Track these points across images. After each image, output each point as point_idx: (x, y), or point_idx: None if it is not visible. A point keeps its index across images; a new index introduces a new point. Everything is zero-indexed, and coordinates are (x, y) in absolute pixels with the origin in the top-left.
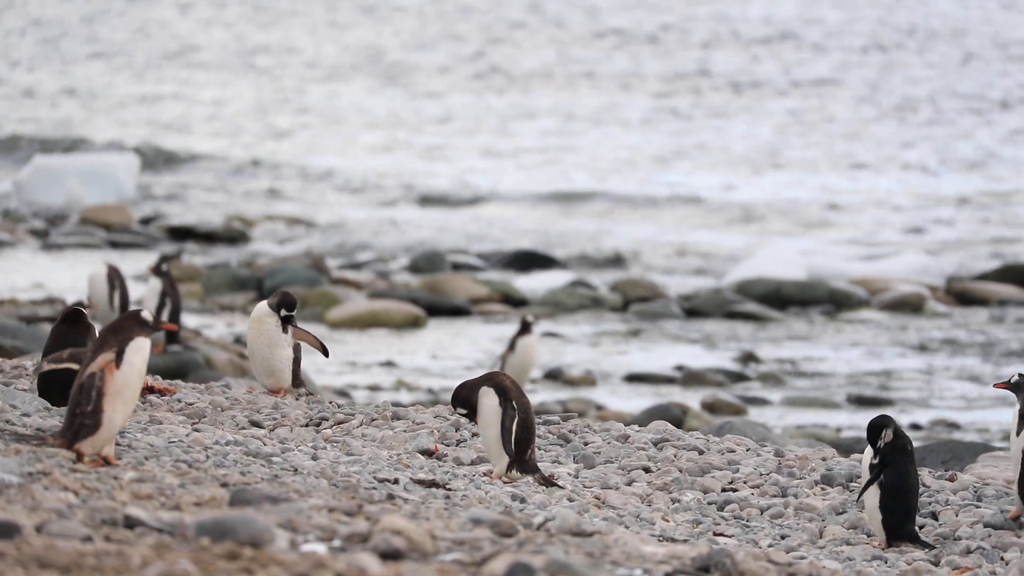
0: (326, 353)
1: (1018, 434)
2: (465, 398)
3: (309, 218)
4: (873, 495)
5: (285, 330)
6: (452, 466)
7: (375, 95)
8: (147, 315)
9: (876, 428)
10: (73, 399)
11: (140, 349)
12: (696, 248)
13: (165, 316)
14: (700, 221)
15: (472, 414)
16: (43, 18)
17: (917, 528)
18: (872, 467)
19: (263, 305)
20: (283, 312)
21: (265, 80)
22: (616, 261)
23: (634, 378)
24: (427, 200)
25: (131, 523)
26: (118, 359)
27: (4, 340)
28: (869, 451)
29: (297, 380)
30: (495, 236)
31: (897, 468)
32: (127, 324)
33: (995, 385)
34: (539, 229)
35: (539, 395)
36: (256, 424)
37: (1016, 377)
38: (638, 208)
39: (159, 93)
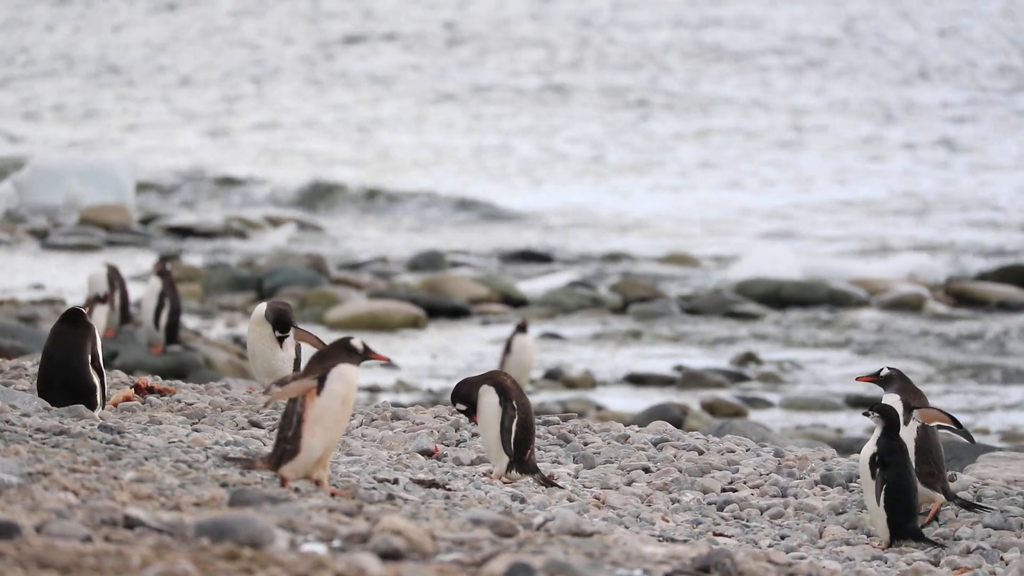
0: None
1: (906, 423)
2: (465, 395)
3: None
4: (876, 495)
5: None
6: (452, 466)
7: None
8: (357, 343)
9: (891, 412)
10: (279, 424)
11: (343, 376)
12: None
13: (164, 317)
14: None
15: (471, 411)
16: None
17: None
18: (872, 465)
19: (263, 306)
20: (277, 333)
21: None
22: (616, 261)
23: (634, 378)
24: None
25: (131, 523)
26: (319, 386)
27: (4, 340)
28: (868, 447)
29: None
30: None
31: (897, 467)
32: (335, 351)
33: (859, 378)
34: None
35: (539, 395)
36: (256, 424)
37: (885, 370)
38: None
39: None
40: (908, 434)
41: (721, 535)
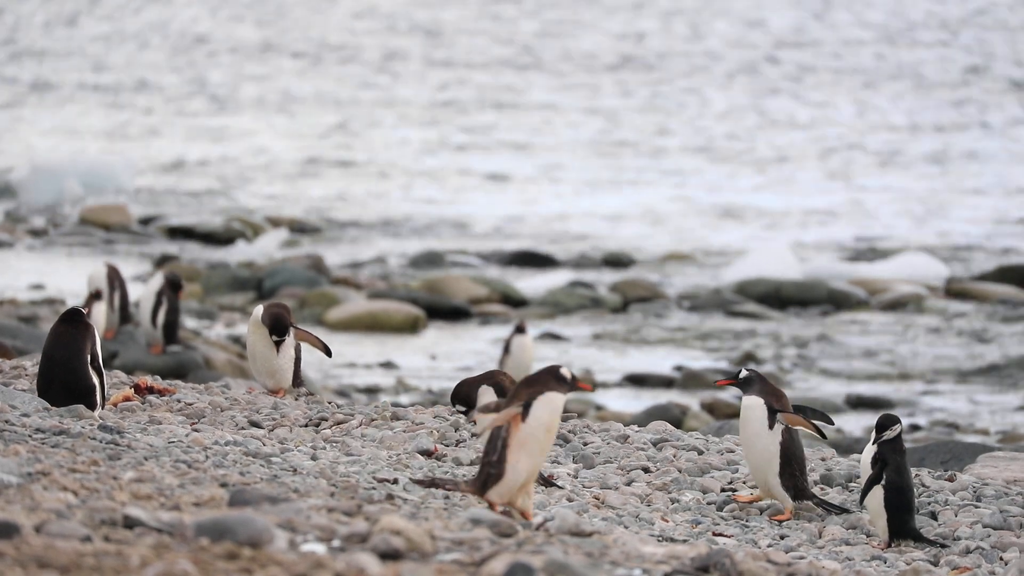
0: (328, 353)
1: (771, 427)
2: (464, 395)
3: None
4: (876, 494)
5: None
6: (451, 466)
7: None
8: (566, 373)
9: (891, 420)
10: (484, 448)
11: (549, 404)
12: None
13: (161, 316)
14: None
15: (470, 411)
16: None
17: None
18: (873, 465)
19: (262, 308)
20: (274, 338)
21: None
22: (616, 261)
23: (633, 379)
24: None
25: (130, 523)
26: (524, 412)
27: (4, 340)
28: (869, 449)
29: (297, 380)
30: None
31: (896, 466)
32: (542, 378)
33: (718, 382)
34: None
35: None
36: (255, 424)
37: (744, 372)
38: None
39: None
40: (773, 437)
41: (720, 535)
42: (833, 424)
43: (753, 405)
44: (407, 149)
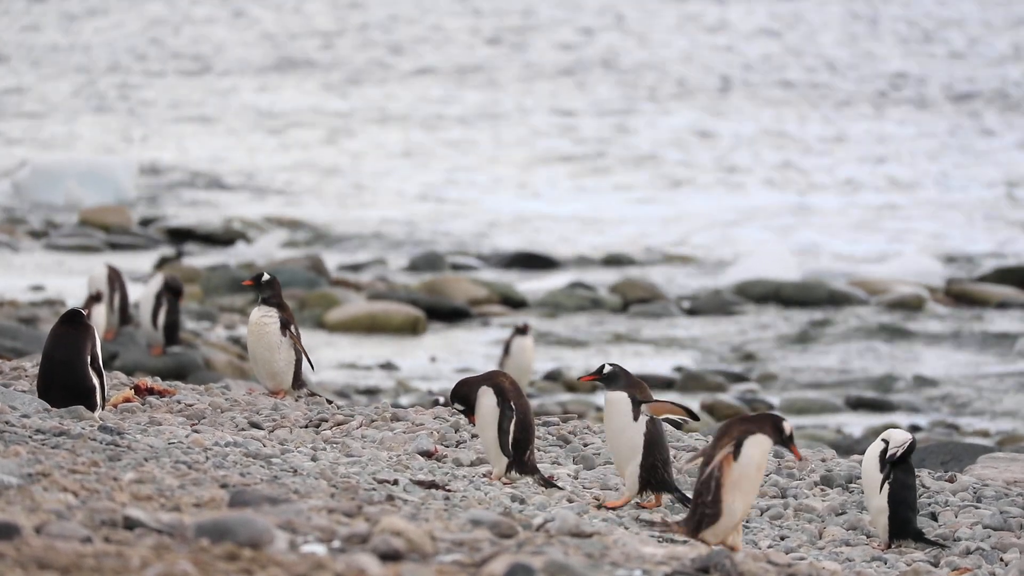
0: (311, 366)
1: (635, 419)
2: (464, 395)
3: (310, 221)
4: (879, 494)
5: (284, 332)
6: (452, 467)
7: None
8: (787, 426)
9: (901, 436)
10: (696, 489)
11: (759, 444)
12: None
13: (162, 318)
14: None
15: (470, 411)
16: None
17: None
18: (883, 464)
19: (260, 308)
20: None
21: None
22: (616, 262)
23: None
24: None
25: (130, 524)
26: (736, 451)
27: (4, 341)
28: (871, 451)
29: (298, 381)
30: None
31: (902, 467)
32: (759, 420)
33: (581, 378)
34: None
35: (539, 397)
36: (256, 425)
37: (607, 367)
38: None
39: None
40: (638, 429)
41: None
42: (698, 419)
43: (617, 399)
44: (399, 155)
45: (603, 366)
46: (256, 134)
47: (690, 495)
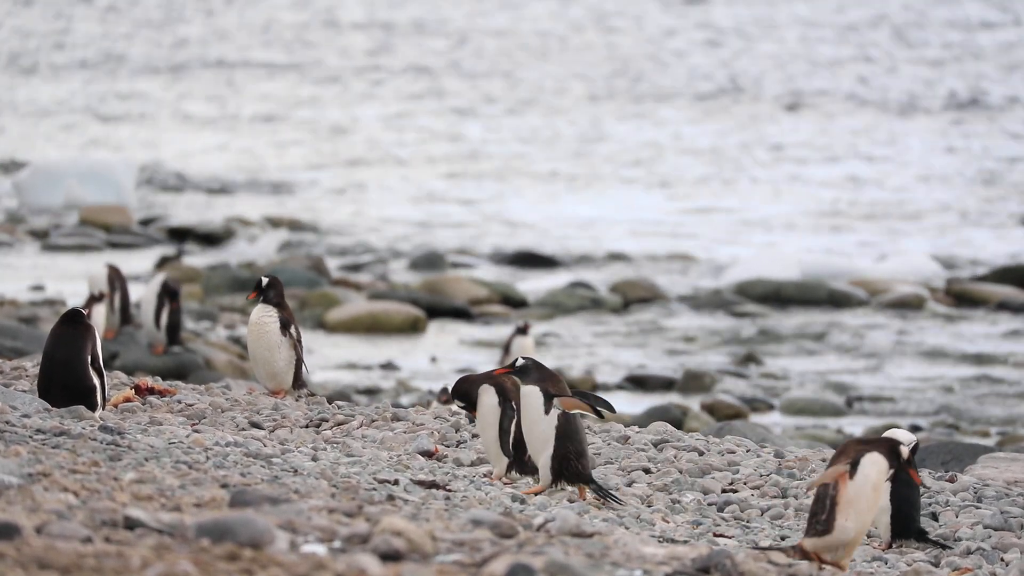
0: (305, 368)
1: (547, 412)
2: (465, 391)
3: (312, 221)
4: (883, 494)
5: (284, 332)
6: (452, 467)
7: None
8: (905, 451)
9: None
10: (812, 509)
11: (876, 464)
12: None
13: (165, 317)
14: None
15: (470, 407)
16: None
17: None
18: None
19: (260, 307)
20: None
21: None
22: (616, 261)
23: (634, 379)
24: None
25: (131, 524)
26: (852, 470)
27: (4, 341)
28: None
29: (299, 381)
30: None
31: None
32: (877, 440)
33: (495, 371)
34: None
35: None
36: (256, 425)
37: (520, 361)
38: None
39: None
40: (550, 422)
41: (721, 536)
42: (614, 411)
43: (530, 392)
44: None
45: (516, 360)
46: (256, 134)
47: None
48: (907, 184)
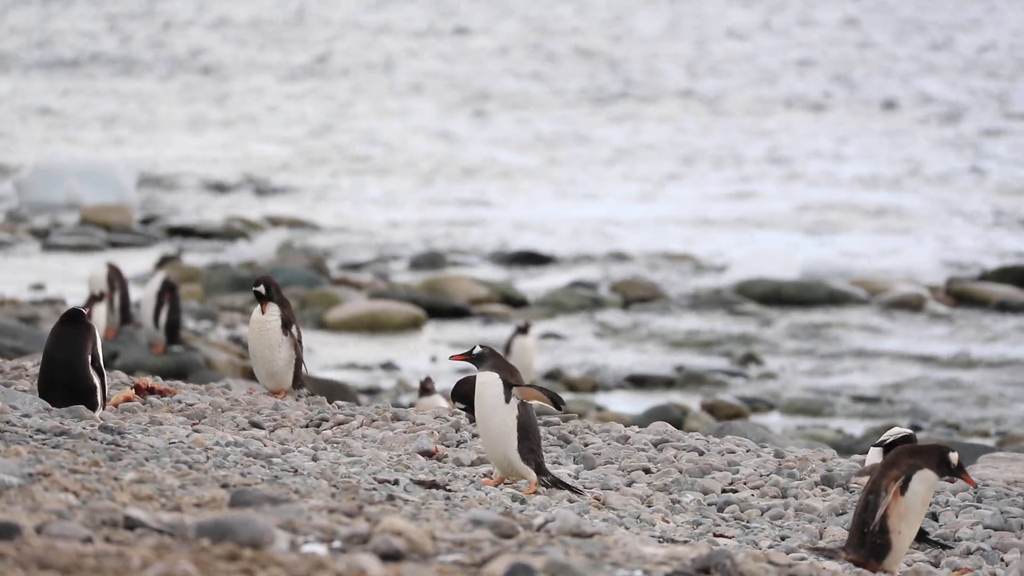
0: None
1: (507, 401)
2: (465, 393)
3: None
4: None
5: (285, 332)
6: (452, 467)
7: None
8: (953, 457)
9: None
10: (860, 517)
11: (926, 480)
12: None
13: (164, 317)
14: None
15: (471, 408)
16: None
17: None
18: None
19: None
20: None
21: None
22: (616, 260)
23: (634, 379)
24: None
25: (131, 524)
26: (903, 486)
27: (4, 340)
28: (873, 452)
29: (299, 381)
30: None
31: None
32: (927, 453)
33: (452, 357)
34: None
35: None
36: (256, 425)
37: (477, 348)
38: None
39: None
40: (510, 411)
41: (721, 536)
42: (563, 405)
43: (488, 380)
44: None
45: (474, 347)
46: (256, 133)
47: (561, 478)
48: (907, 183)
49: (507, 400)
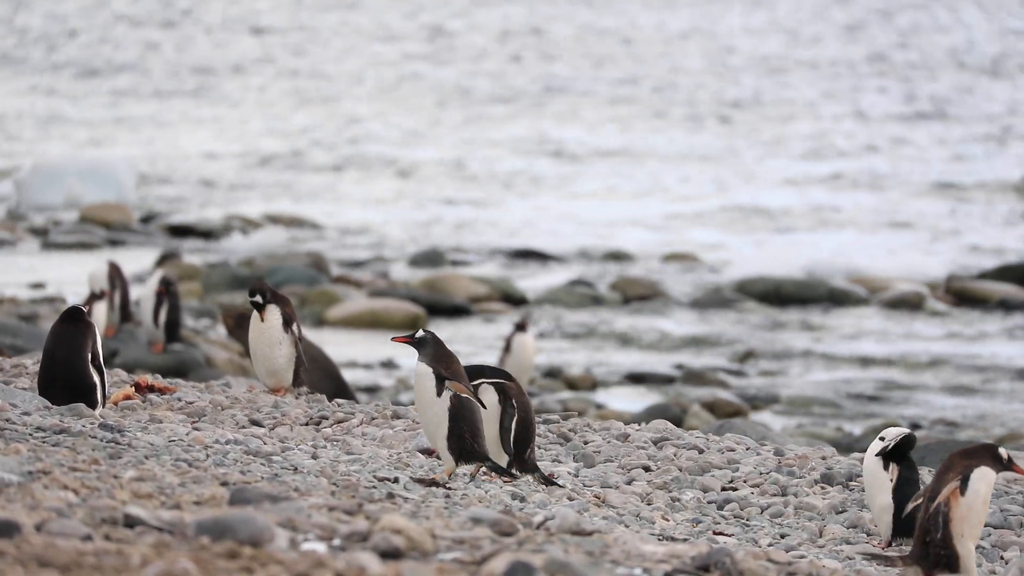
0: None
1: (439, 394)
2: None
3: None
4: (884, 491)
5: (286, 330)
6: None
7: None
8: (1003, 452)
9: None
10: (922, 527)
11: (985, 477)
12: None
13: (164, 315)
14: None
15: None
16: None
17: None
18: (885, 464)
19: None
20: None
21: None
22: (616, 259)
23: (634, 377)
24: None
25: (131, 522)
26: (962, 486)
27: (4, 339)
28: (871, 449)
29: (299, 379)
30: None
31: (905, 463)
32: (980, 452)
33: (394, 339)
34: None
35: (539, 394)
36: (256, 423)
37: (420, 333)
38: None
39: None
40: (442, 403)
41: (721, 534)
42: (512, 383)
43: (423, 373)
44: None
45: (417, 331)
46: (256, 133)
47: (503, 464)
48: (906, 180)
49: (439, 394)
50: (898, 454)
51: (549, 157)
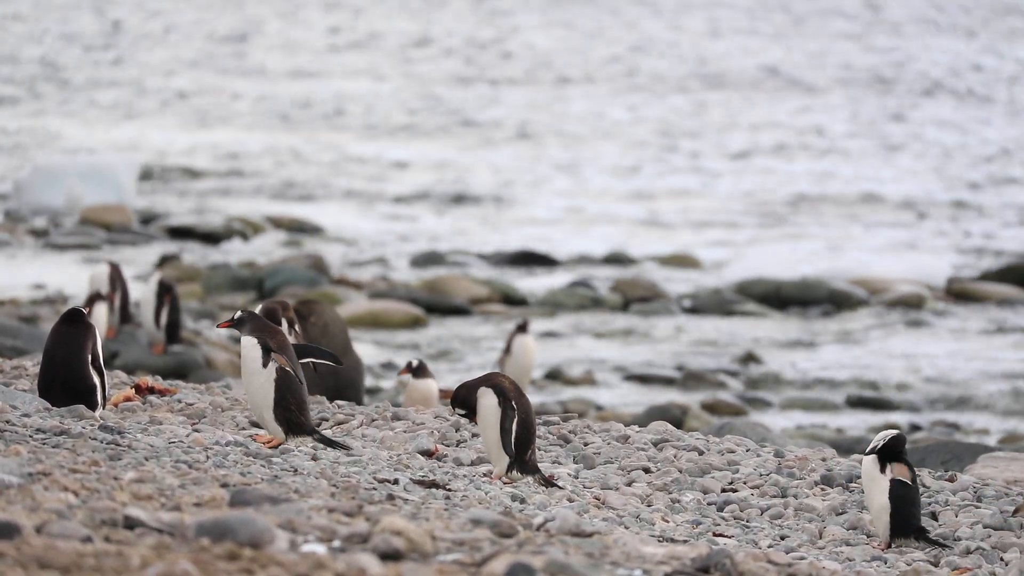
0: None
1: (264, 365)
2: (464, 398)
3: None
4: (881, 492)
5: (265, 363)
6: (452, 467)
7: None
8: None
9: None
10: None
11: None
12: None
13: (164, 316)
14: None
15: (471, 415)
16: None
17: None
18: (882, 465)
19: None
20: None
21: None
22: (617, 261)
23: (634, 378)
24: None
25: (131, 524)
26: None
27: (4, 340)
28: (867, 460)
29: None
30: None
31: (904, 464)
32: None
33: (218, 325)
34: None
35: (539, 396)
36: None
37: (239, 314)
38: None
39: None
40: (268, 374)
41: (721, 535)
42: (341, 364)
43: (249, 344)
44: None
45: (236, 312)
46: (257, 132)
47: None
48: (908, 178)
49: (264, 365)
50: (891, 454)
51: (549, 159)
